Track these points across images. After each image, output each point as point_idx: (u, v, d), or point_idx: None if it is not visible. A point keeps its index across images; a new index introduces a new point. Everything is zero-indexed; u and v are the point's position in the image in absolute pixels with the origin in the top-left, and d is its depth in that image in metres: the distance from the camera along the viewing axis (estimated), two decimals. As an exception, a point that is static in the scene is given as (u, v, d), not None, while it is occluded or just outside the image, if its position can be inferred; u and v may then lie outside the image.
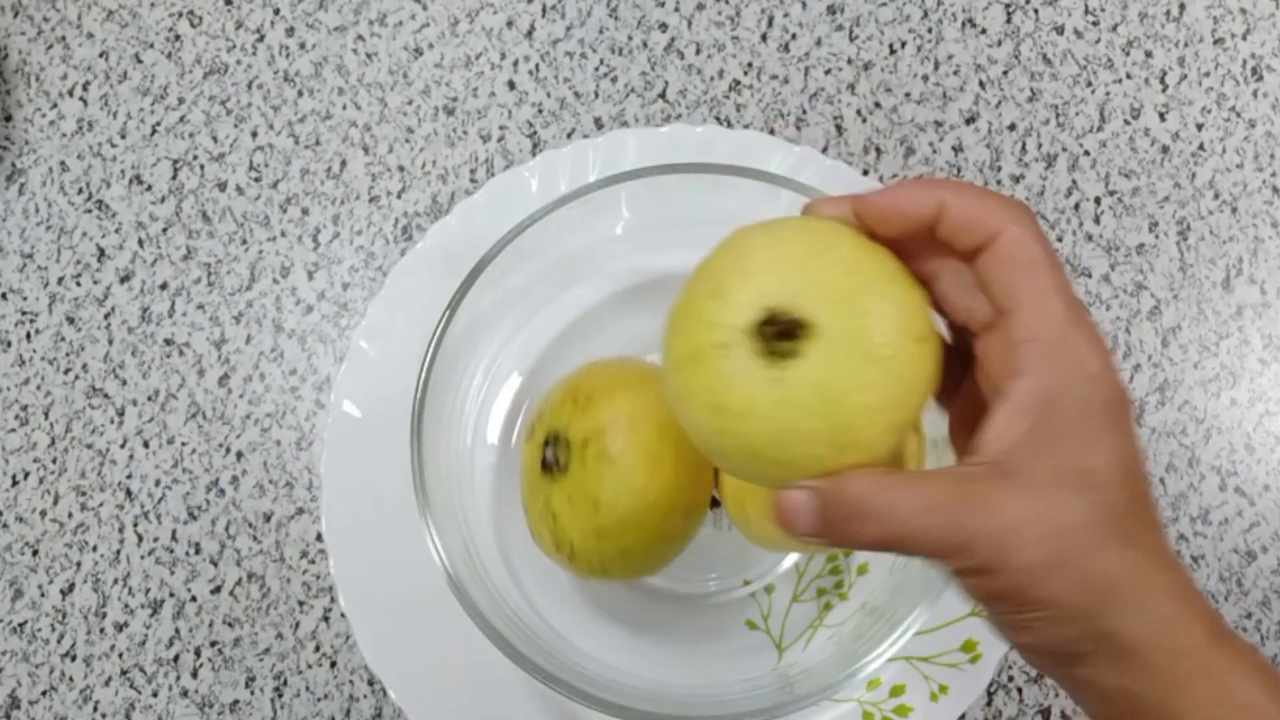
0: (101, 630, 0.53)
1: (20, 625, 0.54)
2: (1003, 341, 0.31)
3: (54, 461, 0.55)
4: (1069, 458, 0.29)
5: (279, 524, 0.54)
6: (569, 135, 0.58)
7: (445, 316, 0.46)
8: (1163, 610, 0.29)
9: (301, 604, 0.53)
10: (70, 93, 0.60)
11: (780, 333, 0.29)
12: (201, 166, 0.58)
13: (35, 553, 0.54)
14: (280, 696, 0.52)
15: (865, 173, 0.56)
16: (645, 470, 0.42)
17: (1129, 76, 0.58)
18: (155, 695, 0.53)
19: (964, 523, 0.29)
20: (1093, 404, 0.29)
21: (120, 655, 0.53)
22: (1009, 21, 0.58)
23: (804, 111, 0.57)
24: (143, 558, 0.54)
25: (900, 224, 0.32)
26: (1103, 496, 0.29)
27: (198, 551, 0.54)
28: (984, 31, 0.58)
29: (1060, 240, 0.56)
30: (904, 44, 0.58)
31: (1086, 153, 0.57)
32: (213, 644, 0.53)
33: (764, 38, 0.58)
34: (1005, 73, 0.58)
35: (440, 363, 0.46)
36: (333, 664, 0.52)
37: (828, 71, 0.58)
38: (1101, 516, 0.29)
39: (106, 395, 0.56)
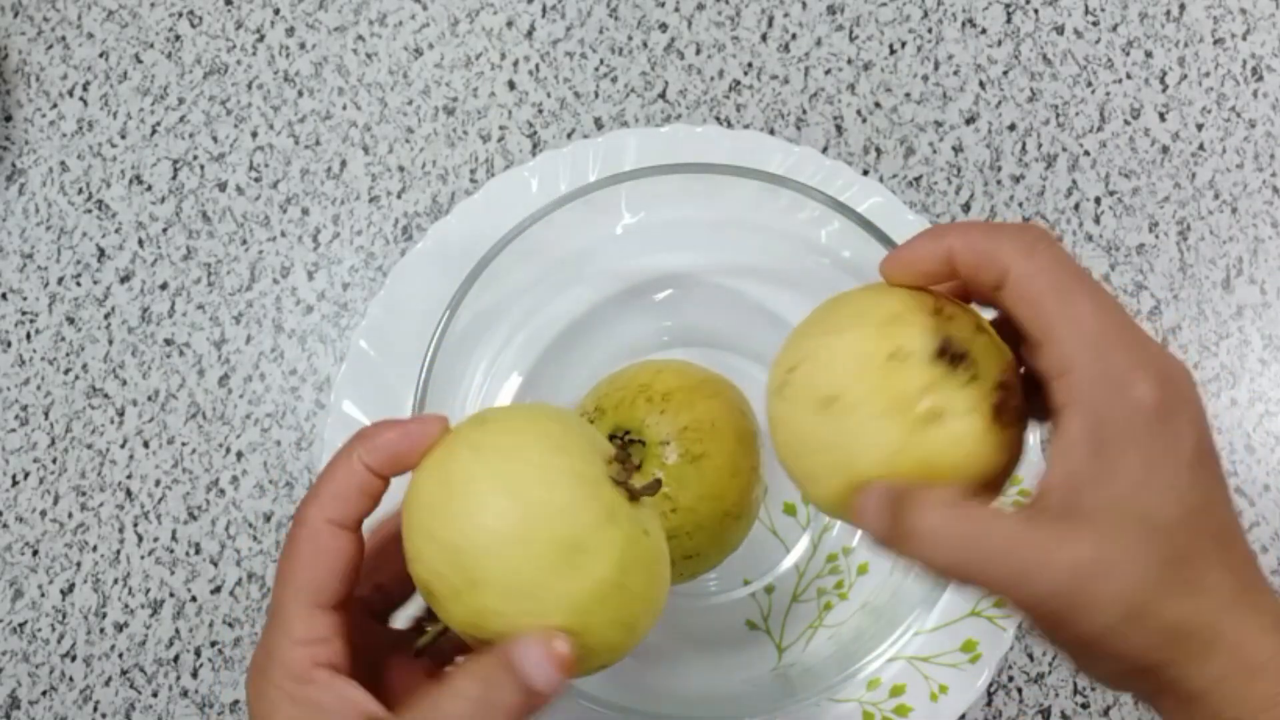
0: (101, 630, 0.53)
1: (20, 625, 0.54)
2: (1046, 377, 0.29)
3: (54, 461, 0.55)
4: (1126, 497, 0.27)
5: (279, 524, 0.54)
6: (569, 135, 0.58)
7: (445, 316, 0.46)
8: (1238, 659, 0.27)
9: (301, 604, 0.53)
10: (70, 93, 0.60)
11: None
12: (201, 166, 0.58)
13: (35, 553, 0.54)
14: (280, 696, 0.52)
15: (865, 173, 0.56)
16: (727, 477, 0.41)
17: (1129, 76, 0.58)
18: (155, 695, 0.53)
19: (1032, 576, 0.27)
20: (1140, 434, 0.27)
21: (120, 655, 0.53)
22: (1009, 21, 0.58)
23: (804, 111, 0.57)
24: (143, 558, 0.54)
25: (916, 278, 0.32)
26: (1164, 542, 0.27)
27: (198, 551, 0.54)
28: (984, 31, 0.58)
29: (1060, 240, 0.56)
30: (904, 44, 0.58)
31: (1086, 153, 0.57)
32: (213, 644, 0.53)
33: (764, 38, 0.58)
34: (1005, 73, 0.58)
35: (440, 363, 0.46)
36: (333, 664, 0.52)
37: (828, 71, 0.58)
38: (1165, 567, 0.27)
39: (106, 395, 0.56)
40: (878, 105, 0.58)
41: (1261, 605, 0.28)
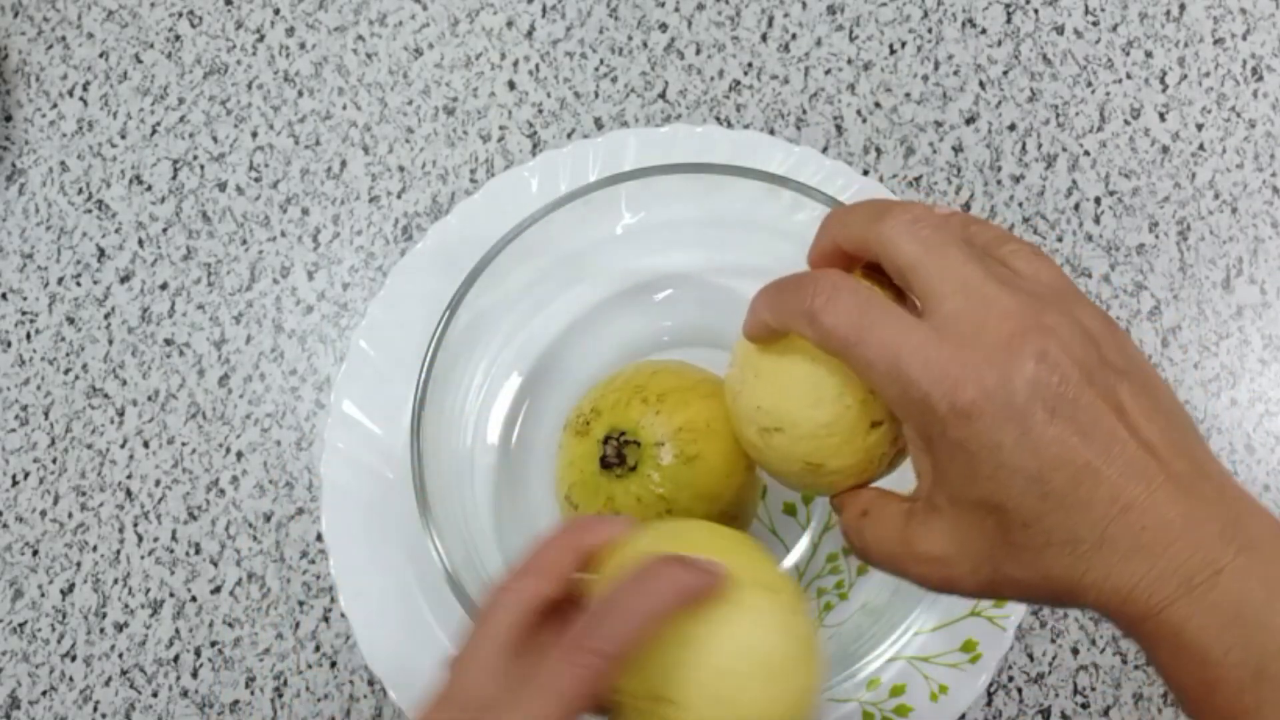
0: (101, 630, 0.53)
1: (20, 625, 0.54)
2: None
3: (54, 461, 0.55)
4: (962, 491, 0.31)
5: (279, 524, 0.54)
6: (569, 135, 0.58)
7: (445, 316, 0.46)
8: (1105, 588, 0.29)
9: (301, 604, 0.53)
10: (70, 93, 0.60)
11: None
12: (201, 166, 0.58)
13: (35, 553, 0.54)
14: (280, 696, 0.52)
15: (865, 173, 0.56)
16: (722, 477, 0.41)
17: (1129, 76, 0.58)
18: (155, 695, 0.53)
19: (907, 566, 0.33)
20: (951, 440, 0.30)
21: (120, 655, 0.53)
22: (1009, 21, 0.58)
23: (804, 111, 0.57)
24: (143, 558, 0.54)
25: (832, 264, 0.36)
26: (1001, 518, 0.30)
27: (198, 551, 0.54)
28: (984, 31, 0.58)
29: (1060, 240, 0.56)
30: (904, 44, 0.58)
31: (1086, 153, 0.57)
32: (213, 644, 0.53)
33: (764, 38, 0.58)
34: (1005, 73, 0.58)
35: (440, 363, 0.46)
36: (333, 664, 0.52)
37: (828, 71, 0.58)
38: (1006, 536, 0.30)
39: (106, 395, 0.56)
40: (878, 105, 0.58)
41: (1143, 521, 0.29)
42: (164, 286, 0.57)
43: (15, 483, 0.55)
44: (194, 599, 0.53)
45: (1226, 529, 0.29)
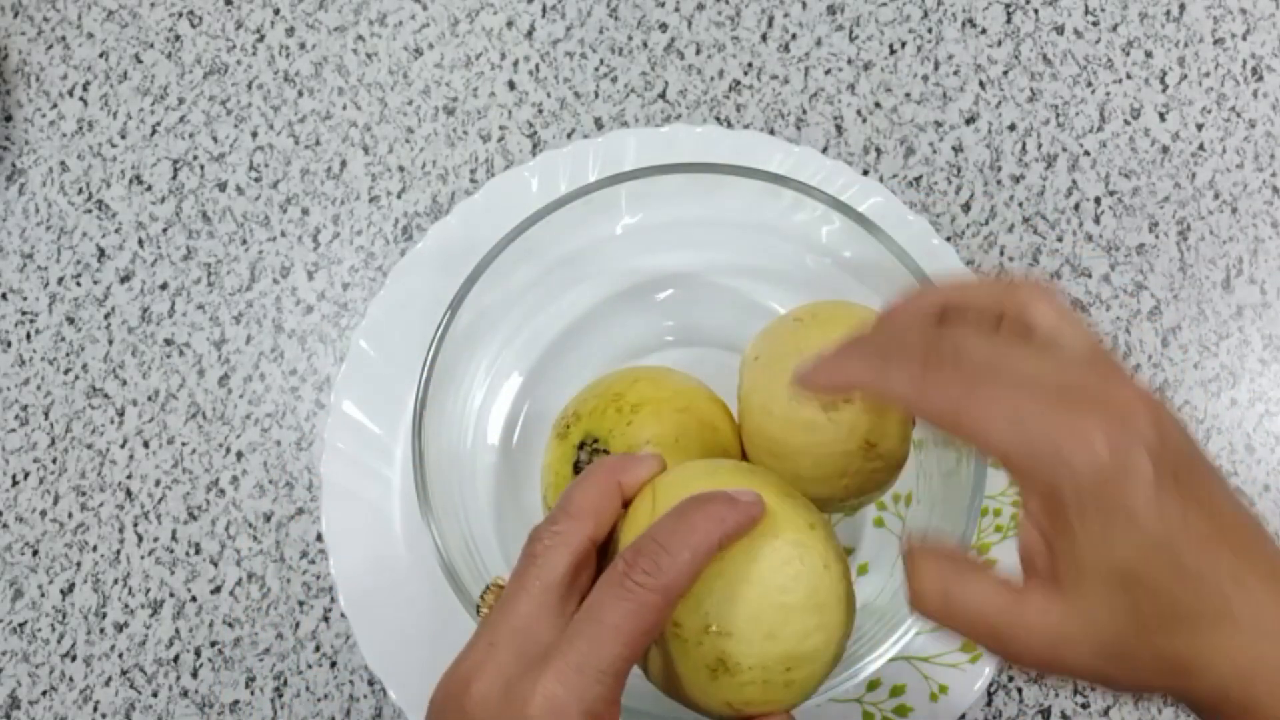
0: (101, 630, 0.53)
1: (20, 625, 0.54)
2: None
3: (54, 461, 0.55)
4: (1087, 558, 0.29)
5: (279, 524, 0.54)
6: (569, 135, 0.58)
7: (445, 316, 0.46)
8: (1231, 673, 0.28)
9: (301, 604, 0.53)
10: (70, 93, 0.60)
11: None
12: (201, 166, 0.58)
13: (35, 553, 0.54)
14: (280, 696, 0.52)
15: (865, 173, 0.56)
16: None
17: (1129, 76, 0.58)
18: (155, 695, 0.53)
19: (1011, 641, 0.30)
20: (1089, 495, 0.29)
21: (120, 655, 0.53)
22: (1009, 21, 0.58)
23: (804, 111, 0.57)
24: (143, 558, 0.54)
25: (827, 393, 0.37)
26: (1130, 590, 0.29)
27: (198, 551, 0.54)
28: (984, 31, 0.58)
29: (1060, 240, 0.56)
30: (904, 44, 0.58)
31: (1086, 153, 0.57)
32: (213, 644, 0.53)
33: (764, 38, 0.58)
34: (1005, 73, 0.58)
35: (440, 363, 0.46)
36: (333, 664, 0.52)
37: (828, 71, 0.58)
38: (1136, 612, 0.29)
39: (106, 395, 0.56)
40: (878, 105, 0.58)
41: (1260, 600, 0.28)
42: (164, 286, 0.57)
43: (15, 483, 0.55)
44: (194, 599, 0.53)
45: None
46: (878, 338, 0.34)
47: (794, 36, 0.58)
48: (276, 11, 0.60)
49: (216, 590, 0.53)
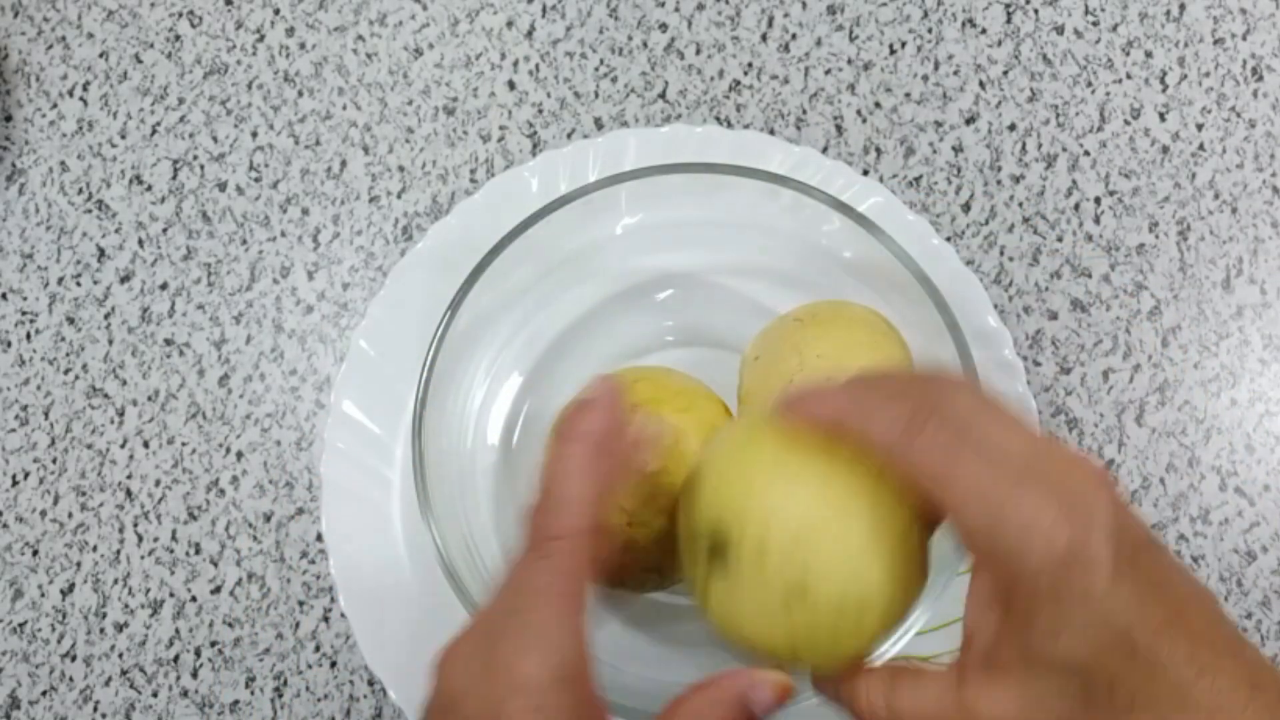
0: (101, 630, 0.53)
1: (20, 625, 0.54)
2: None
3: (54, 461, 0.55)
4: (1040, 647, 0.29)
5: (279, 524, 0.54)
6: (569, 135, 0.58)
7: (445, 316, 0.46)
8: None
9: (301, 604, 0.53)
10: (70, 93, 0.60)
11: None
12: (201, 166, 0.58)
13: (35, 553, 0.54)
14: (280, 696, 0.52)
15: (865, 173, 0.56)
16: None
17: (1129, 76, 0.58)
18: (155, 695, 0.53)
19: None
20: (1045, 583, 0.28)
21: (120, 655, 0.53)
22: (1009, 21, 0.58)
23: (804, 111, 0.57)
24: (143, 558, 0.54)
25: (810, 428, 0.34)
26: (1083, 679, 0.28)
27: (198, 551, 0.54)
28: (984, 31, 0.58)
29: (1060, 240, 0.56)
30: (904, 44, 0.58)
31: (1086, 153, 0.57)
32: (213, 644, 0.53)
33: (764, 38, 0.58)
34: (1005, 73, 0.58)
35: (440, 363, 0.46)
36: (333, 664, 0.52)
37: (828, 71, 0.58)
38: (1089, 702, 0.28)
39: (106, 395, 0.56)
40: (878, 105, 0.58)
41: (1218, 684, 0.28)
42: (164, 286, 0.57)
43: (15, 483, 0.55)
44: (194, 599, 0.53)
45: (1275, 686, 0.28)
46: (889, 382, 0.34)
47: (794, 36, 0.58)
48: (276, 11, 0.60)
49: (216, 590, 0.53)
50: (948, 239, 0.55)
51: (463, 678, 0.31)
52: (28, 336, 0.57)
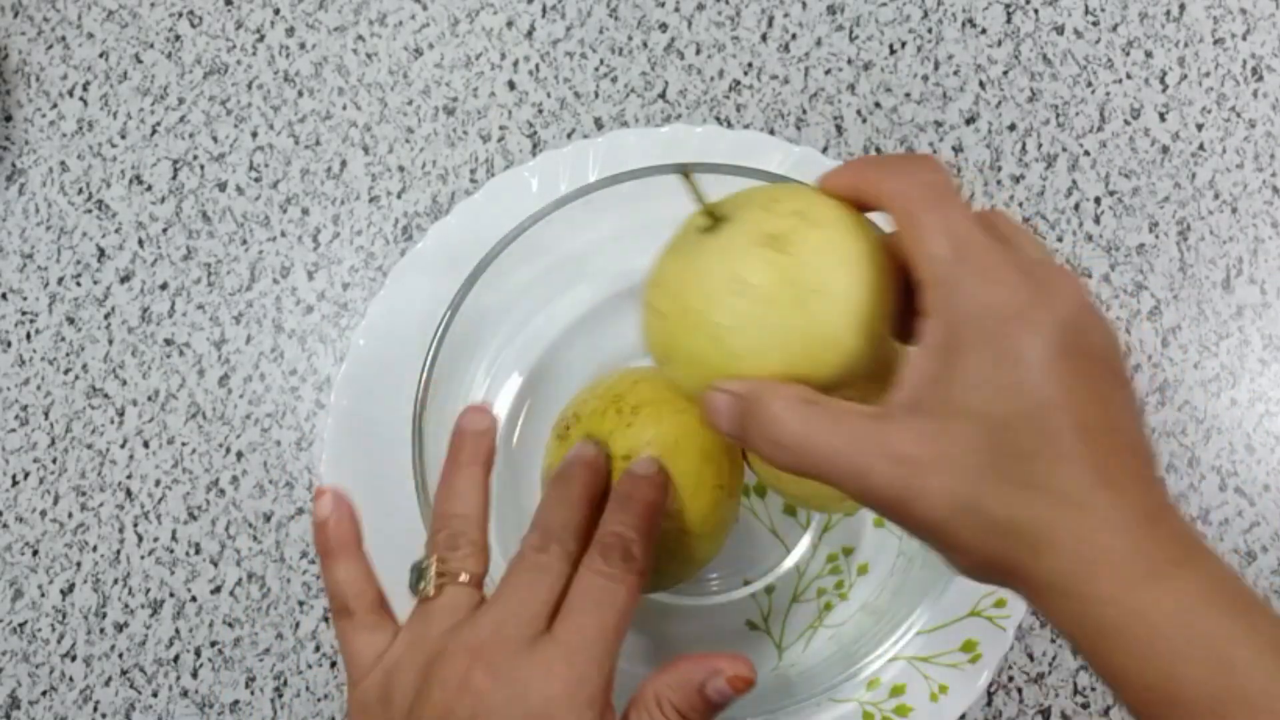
0: (101, 630, 0.53)
1: (20, 625, 0.54)
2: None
3: (54, 461, 0.55)
4: (963, 395, 0.29)
5: (279, 524, 0.54)
6: (569, 135, 0.58)
7: (445, 316, 0.46)
8: (1074, 555, 0.28)
9: (301, 604, 0.53)
10: (70, 93, 0.60)
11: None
12: (201, 166, 0.58)
13: (35, 553, 0.54)
14: (280, 696, 0.52)
15: (865, 173, 0.56)
16: (686, 496, 0.41)
17: (1129, 76, 0.58)
18: (155, 695, 0.53)
19: (866, 469, 0.29)
20: (987, 334, 0.29)
21: (120, 655, 0.53)
22: (1009, 21, 0.58)
23: (804, 111, 0.57)
24: (143, 558, 0.54)
25: (845, 196, 0.34)
26: (996, 437, 0.28)
27: (198, 551, 0.54)
28: (984, 31, 0.58)
29: (1060, 240, 0.56)
30: (904, 44, 0.58)
31: (1086, 153, 0.57)
32: (213, 644, 0.53)
33: (764, 38, 0.58)
34: (1005, 73, 0.58)
35: (441, 363, 0.46)
36: (333, 664, 0.52)
37: (828, 71, 0.58)
38: (996, 463, 0.28)
39: (106, 395, 0.56)
40: (878, 105, 0.58)
41: (1112, 506, 0.28)
42: (164, 286, 0.57)
43: (15, 483, 0.55)
44: (194, 599, 0.53)
45: (1177, 530, 0.29)
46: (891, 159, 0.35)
47: (794, 36, 0.58)
48: (276, 11, 0.60)
49: (216, 590, 0.53)
50: (948, 239, 0.55)
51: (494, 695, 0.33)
52: (28, 336, 0.57)
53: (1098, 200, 0.56)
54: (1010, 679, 0.51)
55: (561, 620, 0.33)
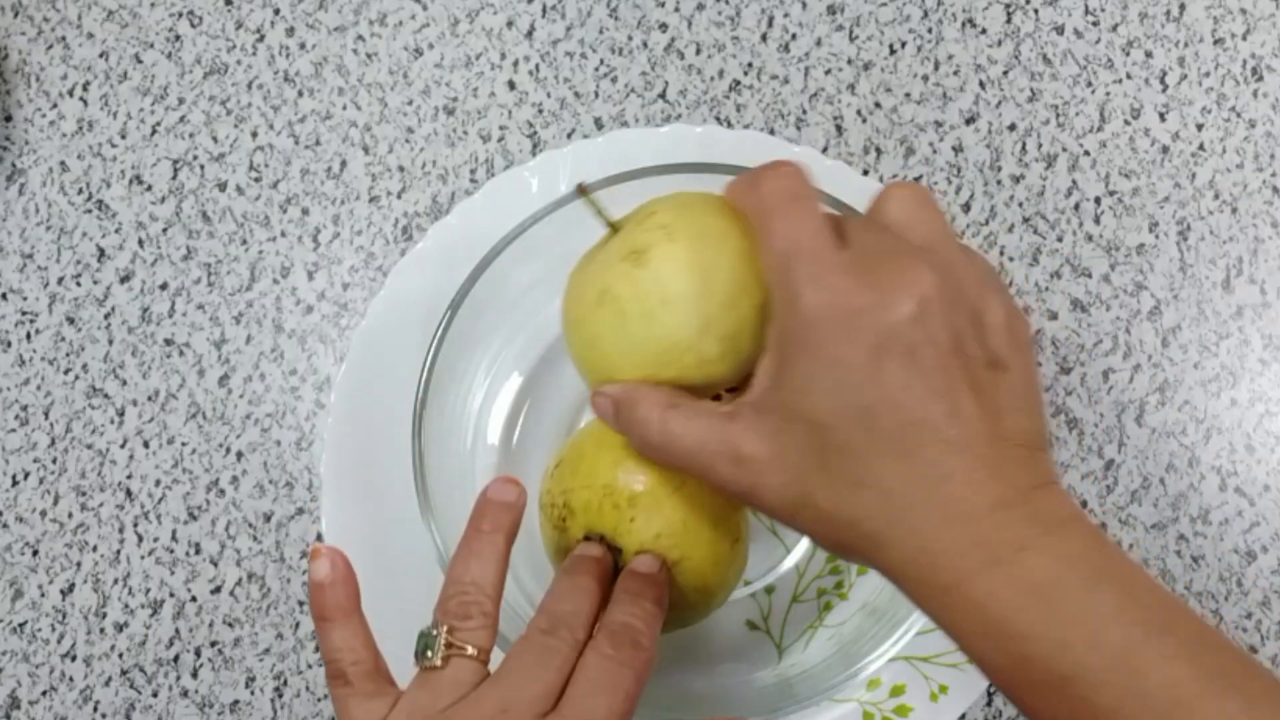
0: (101, 630, 0.53)
1: (20, 625, 0.54)
2: None
3: (54, 461, 0.55)
4: (792, 398, 0.31)
5: (279, 524, 0.54)
6: (569, 135, 0.58)
7: (445, 316, 0.46)
8: (911, 547, 0.29)
9: (301, 604, 0.53)
10: (70, 93, 0.60)
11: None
12: (201, 166, 0.58)
13: (35, 553, 0.54)
14: (280, 696, 0.52)
15: (865, 173, 0.56)
16: (709, 568, 0.40)
17: (1129, 76, 0.58)
18: (155, 695, 0.53)
19: (716, 466, 0.32)
20: (806, 341, 0.30)
21: (120, 655, 0.53)
22: (1009, 21, 0.58)
23: (804, 111, 0.57)
24: (143, 558, 0.54)
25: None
26: (821, 438, 0.30)
27: (198, 551, 0.54)
28: (984, 31, 0.58)
29: (1060, 240, 0.56)
30: (904, 44, 0.58)
31: (1086, 153, 0.57)
32: (213, 644, 0.53)
33: (764, 38, 0.58)
34: (1005, 73, 0.58)
35: (440, 363, 0.46)
36: (333, 664, 0.52)
37: (828, 71, 0.58)
38: (822, 462, 0.30)
39: (106, 395, 0.56)
40: (878, 105, 0.58)
41: (956, 494, 0.29)
42: (164, 286, 0.57)
43: (15, 483, 0.55)
44: (194, 599, 0.53)
45: (1033, 513, 0.29)
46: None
47: (794, 36, 0.58)
48: (276, 11, 0.60)
49: (216, 590, 0.53)
50: (948, 239, 0.55)
51: None
52: (28, 336, 0.57)
53: (1098, 200, 0.56)
54: (1010, 679, 0.51)
55: (569, 702, 0.33)
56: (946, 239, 0.33)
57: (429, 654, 0.35)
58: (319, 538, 0.53)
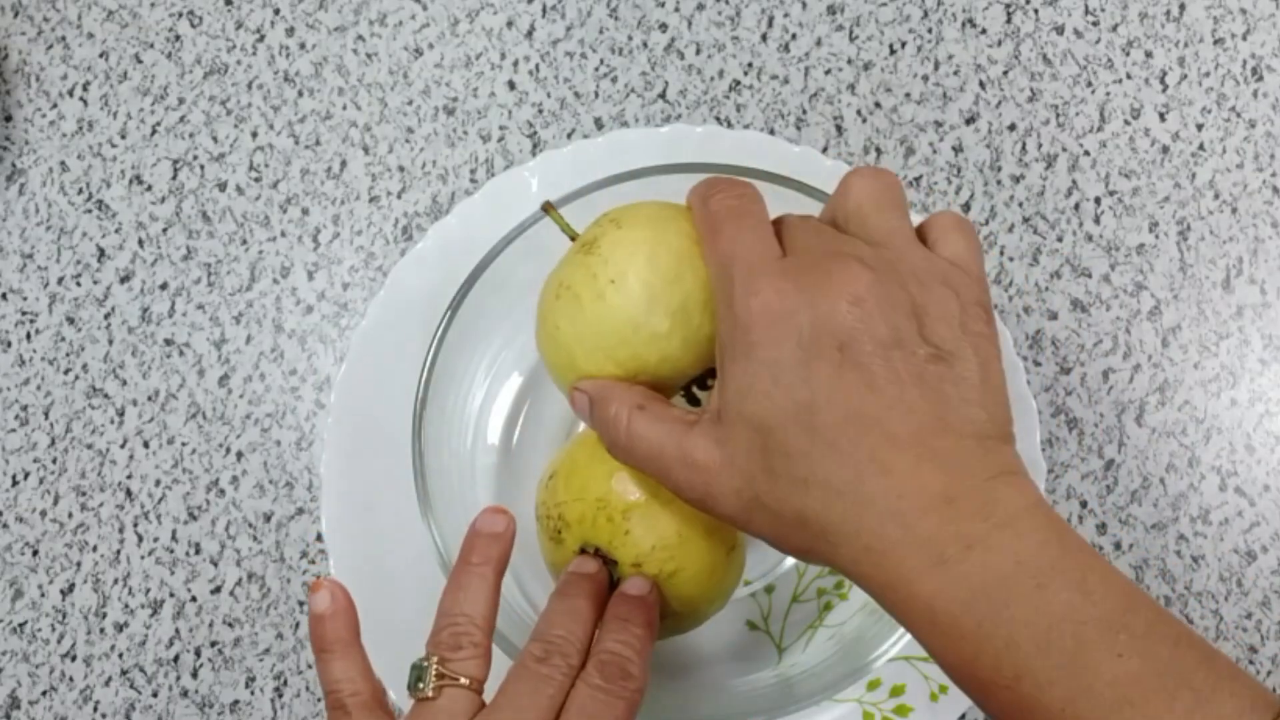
0: (101, 630, 0.53)
1: (20, 625, 0.54)
2: None
3: (54, 461, 0.55)
4: (733, 403, 0.31)
5: (279, 524, 0.54)
6: (569, 135, 0.58)
7: (445, 316, 0.46)
8: (859, 545, 0.29)
9: (301, 604, 0.53)
10: (70, 93, 0.60)
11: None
12: (201, 166, 0.58)
13: (35, 553, 0.54)
14: (280, 696, 0.52)
15: (865, 173, 0.56)
16: (705, 578, 0.40)
17: (1129, 76, 0.58)
18: (155, 695, 0.53)
19: (673, 470, 0.33)
20: (740, 346, 0.31)
21: (120, 655, 0.53)
22: (1009, 21, 0.58)
23: (804, 111, 0.57)
24: (143, 558, 0.54)
25: None
26: (763, 441, 0.30)
27: (198, 551, 0.54)
28: (984, 31, 0.58)
29: (1060, 240, 0.56)
30: (904, 44, 0.58)
31: (1086, 153, 0.57)
32: (213, 644, 0.53)
33: (764, 38, 0.58)
34: (1005, 73, 0.58)
35: (440, 363, 0.46)
36: (333, 664, 0.52)
37: (828, 71, 0.58)
38: (767, 464, 0.30)
39: (106, 395, 0.56)
40: (878, 105, 0.58)
41: (902, 490, 0.29)
42: (164, 286, 0.57)
43: (15, 483, 0.55)
44: (194, 599, 0.53)
45: (984, 507, 0.29)
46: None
47: (794, 36, 0.58)
48: (276, 11, 0.60)
49: (216, 590, 0.53)
50: (948, 239, 0.55)
51: None
52: (28, 336, 0.57)
53: (1098, 200, 0.56)
54: (1010, 679, 0.51)
55: None
56: (898, 232, 0.33)
57: (420, 685, 0.35)
58: (319, 537, 0.53)
